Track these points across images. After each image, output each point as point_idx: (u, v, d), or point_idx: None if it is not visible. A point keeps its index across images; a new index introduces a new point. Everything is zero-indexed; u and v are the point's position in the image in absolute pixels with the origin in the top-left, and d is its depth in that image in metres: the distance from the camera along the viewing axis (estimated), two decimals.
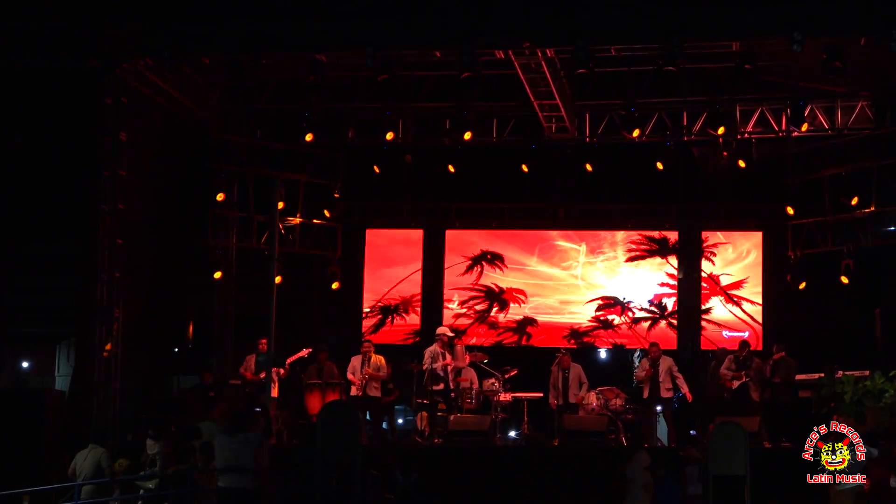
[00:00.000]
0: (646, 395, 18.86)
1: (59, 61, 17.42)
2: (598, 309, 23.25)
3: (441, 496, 15.73)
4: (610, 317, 23.18)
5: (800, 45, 15.78)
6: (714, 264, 22.93)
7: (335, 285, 22.29)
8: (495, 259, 23.59)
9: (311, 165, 21.97)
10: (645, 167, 21.10)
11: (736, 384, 18.69)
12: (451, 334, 19.81)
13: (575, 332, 23.20)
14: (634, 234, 23.24)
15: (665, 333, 22.76)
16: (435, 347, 19.08)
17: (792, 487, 14.57)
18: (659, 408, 19.15)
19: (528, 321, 23.41)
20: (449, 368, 19.01)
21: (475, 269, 23.65)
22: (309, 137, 20.38)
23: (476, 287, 23.62)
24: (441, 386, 18.83)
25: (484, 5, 16.55)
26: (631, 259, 23.25)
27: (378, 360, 19.08)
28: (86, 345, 17.73)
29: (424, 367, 18.80)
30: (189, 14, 17.08)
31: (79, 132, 19.25)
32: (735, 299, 22.76)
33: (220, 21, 17.03)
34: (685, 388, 18.84)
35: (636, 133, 19.71)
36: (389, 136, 20.46)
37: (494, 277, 23.59)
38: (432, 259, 23.74)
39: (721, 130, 19.56)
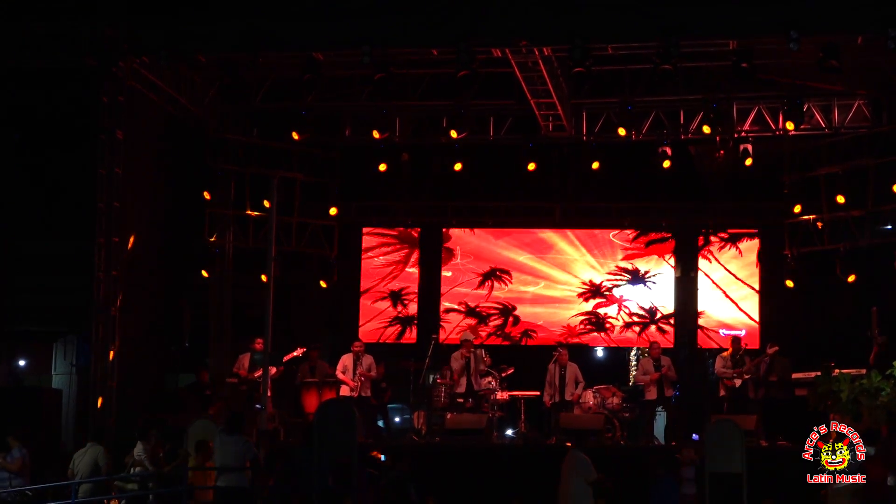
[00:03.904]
0: (654, 395, 18.85)
1: (57, 60, 17.43)
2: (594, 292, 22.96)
3: (437, 494, 15.74)
4: (602, 311, 22.82)
5: (796, 43, 15.79)
6: (710, 262, 22.91)
7: (323, 283, 22.27)
8: (503, 274, 23.44)
9: (307, 164, 21.96)
10: (642, 166, 21.08)
11: (738, 382, 18.65)
12: (473, 336, 19.81)
13: (570, 332, 23.04)
14: (630, 233, 23.22)
15: (654, 337, 22.68)
16: (461, 352, 19.11)
17: (788, 486, 14.61)
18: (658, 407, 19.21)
19: (513, 307, 23.23)
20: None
21: (486, 283, 23.42)
22: (296, 136, 20.38)
23: (491, 301, 23.38)
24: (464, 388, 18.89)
25: (481, 4, 16.54)
26: (628, 258, 23.22)
27: (368, 359, 19.09)
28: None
29: (455, 370, 18.89)
30: (185, 13, 17.08)
31: (76, 131, 19.27)
32: (730, 299, 22.75)
33: (216, 20, 17.02)
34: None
35: (622, 132, 19.69)
36: (376, 134, 20.43)
37: (500, 290, 23.44)
38: (429, 258, 23.69)
39: (707, 129, 19.50)
